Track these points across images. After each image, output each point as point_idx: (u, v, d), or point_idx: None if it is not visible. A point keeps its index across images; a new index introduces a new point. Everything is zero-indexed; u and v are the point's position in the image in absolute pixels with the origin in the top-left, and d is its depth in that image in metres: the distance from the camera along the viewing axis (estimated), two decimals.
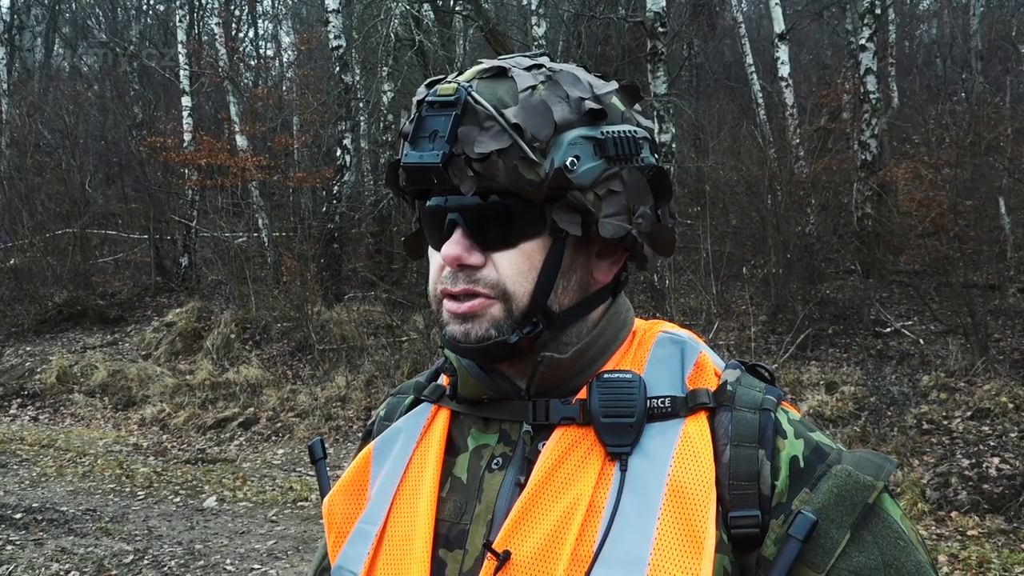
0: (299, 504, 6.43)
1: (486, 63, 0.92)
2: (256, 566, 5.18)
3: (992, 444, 6.01)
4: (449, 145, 0.86)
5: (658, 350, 0.95)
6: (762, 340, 8.56)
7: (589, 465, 0.88)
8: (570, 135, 0.87)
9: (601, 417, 0.88)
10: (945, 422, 6.43)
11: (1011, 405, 6.46)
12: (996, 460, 5.75)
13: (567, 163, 0.86)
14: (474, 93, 0.87)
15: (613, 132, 0.90)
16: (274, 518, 6.11)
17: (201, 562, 5.24)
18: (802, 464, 0.87)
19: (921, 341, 8.31)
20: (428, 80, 0.93)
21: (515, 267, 0.90)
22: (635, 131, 0.92)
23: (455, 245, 0.89)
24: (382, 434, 1.02)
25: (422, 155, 0.87)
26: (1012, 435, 6.10)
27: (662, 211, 0.95)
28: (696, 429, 0.88)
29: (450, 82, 0.90)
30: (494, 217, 0.89)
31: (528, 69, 0.91)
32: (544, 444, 0.90)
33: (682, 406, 0.89)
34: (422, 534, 0.90)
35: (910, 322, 8.81)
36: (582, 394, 0.91)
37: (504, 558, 0.84)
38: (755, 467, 0.86)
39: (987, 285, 8.85)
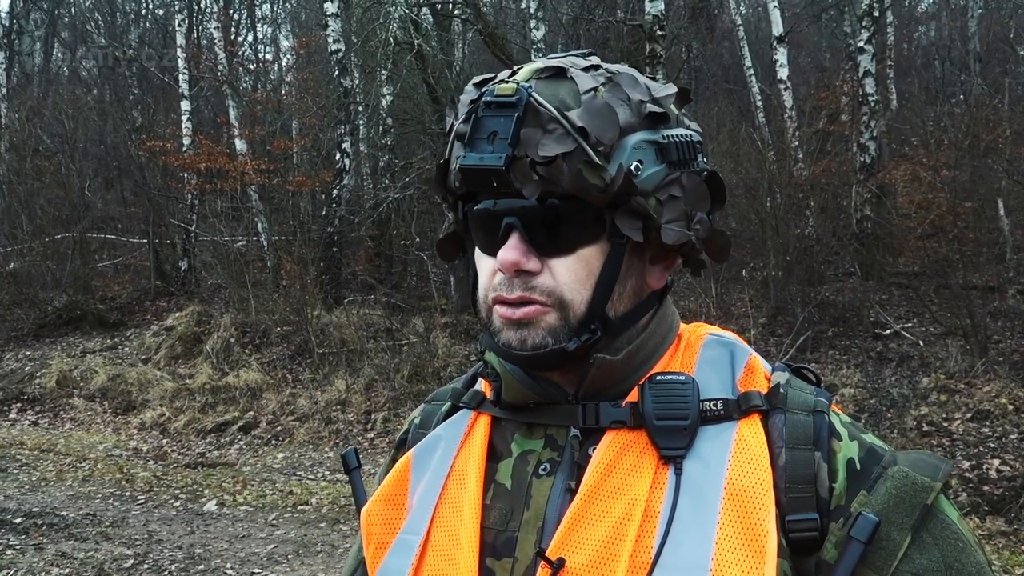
0: (299, 508, 6.43)
1: (541, 63, 0.90)
2: (256, 570, 5.18)
3: (992, 446, 6.02)
4: (511, 147, 0.83)
5: (706, 352, 0.94)
6: (761, 342, 8.56)
7: (642, 469, 0.86)
8: (633, 139, 0.86)
9: (655, 420, 0.86)
10: (945, 424, 6.43)
11: (1011, 407, 6.46)
12: (996, 462, 5.76)
13: (632, 167, 0.85)
14: (535, 94, 0.85)
15: (674, 136, 0.88)
16: (274, 522, 6.11)
17: (201, 566, 5.23)
18: (858, 466, 0.86)
19: (921, 343, 8.31)
20: (475, 80, 0.91)
21: (573, 274, 0.87)
22: (691, 135, 0.91)
23: (513, 250, 0.86)
24: (420, 442, 0.99)
25: (483, 157, 0.84)
26: (1012, 437, 6.10)
27: (714, 216, 0.94)
28: (750, 432, 0.86)
29: (508, 82, 0.87)
30: (552, 222, 0.86)
31: (586, 70, 0.88)
32: (593, 448, 0.88)
33: (734, 408, 0.88)
34: (468, 542, 0.88)
35: (910, 324, 8.81)
36: (632, 397, 0.90)
37: (559, 565, 0.82)
38: (812, 470, 0.85)
39: (986, 287, 8.85)
